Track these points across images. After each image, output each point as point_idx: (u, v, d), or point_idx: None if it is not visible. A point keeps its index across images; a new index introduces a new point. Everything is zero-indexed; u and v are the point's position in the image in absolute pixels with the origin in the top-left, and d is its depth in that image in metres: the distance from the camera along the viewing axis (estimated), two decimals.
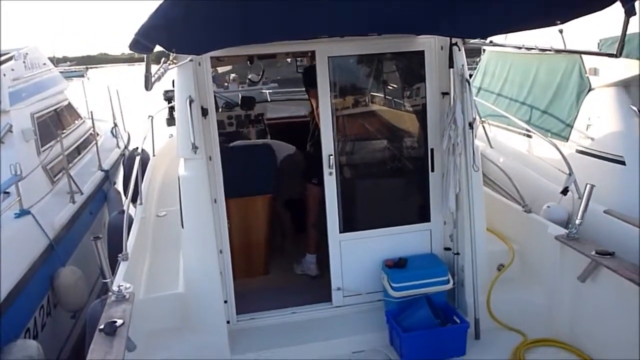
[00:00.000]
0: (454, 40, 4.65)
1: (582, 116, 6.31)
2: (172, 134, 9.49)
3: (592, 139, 6.06)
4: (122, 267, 4.35)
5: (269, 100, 9.43)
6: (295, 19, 3.34)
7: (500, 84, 8.64)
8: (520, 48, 4.98)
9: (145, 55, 3.08)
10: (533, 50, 7.18)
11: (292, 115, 8.40)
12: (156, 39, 2.92)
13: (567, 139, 6.46)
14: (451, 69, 4.68)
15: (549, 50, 4.66)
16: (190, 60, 4.30)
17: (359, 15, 3.35)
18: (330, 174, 4.84)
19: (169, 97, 9.48)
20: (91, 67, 79.66)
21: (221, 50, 4.39)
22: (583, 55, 6.31)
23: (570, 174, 5.53)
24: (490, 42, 5.09)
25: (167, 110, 9.86)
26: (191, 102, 4.27)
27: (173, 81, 4.57)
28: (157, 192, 7.06)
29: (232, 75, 8.90)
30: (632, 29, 5.22)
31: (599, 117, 6.04)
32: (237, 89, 8.68)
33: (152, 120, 8.78)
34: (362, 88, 5.17)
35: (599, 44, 5.63)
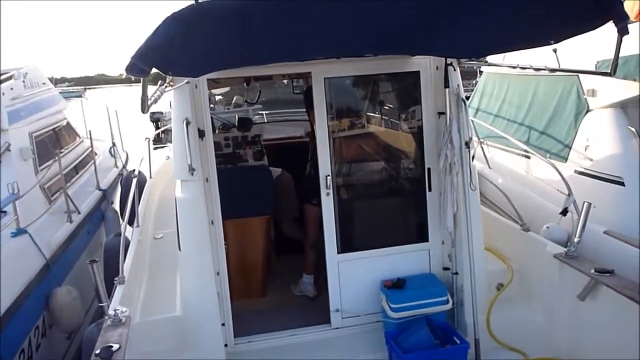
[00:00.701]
0: (449, 60, 4.68)
1: (581, 137, 6.32)
2: (169, 155, 9.51)
3: (591, 159, 6.07)
4: (118, 291, 4.32)
5: (266, 121, 9.47)
6: (292, 42, 3.35)
7: (498, 104, 8.67)
8: (514, 67, 5.01)
9: (141, 78, 3.10)
10: (528, 70, 7.27)
11: (288, 135, 8.42)
12: (152, 62, 2.95)
13: (565, 159, 6.46)
14: (447, 89, 4.70)
15: (543, 69, 4.68)
16: (187, 83, 4.32)
17: (354, 36, 3.37)
18: (328, 194, 4.83)
19: (155, 118, 9.52)
20: (89, 88, 79.99)
21: (218, 72, 4.41)
22: (581, 77, 6.34)
23: (569, 195, 5.53)
24: (485, 61, 5.12)
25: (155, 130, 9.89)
26: (188, 124, 4.27)
27: (170, 102, 4.57)
28: (154, 214, 7.02)
29: (218, 97, 8.92)
30: (632, 50, 5.34)
31: (598, 138, 6.06)
32: (223, 110, 8.68)
33: (149, 142, 8.78)
34: (359, 109, 5.20)
35: (596, 65, 5.66)
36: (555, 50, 6.25)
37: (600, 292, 4.15)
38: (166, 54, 2.95)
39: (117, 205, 9.18)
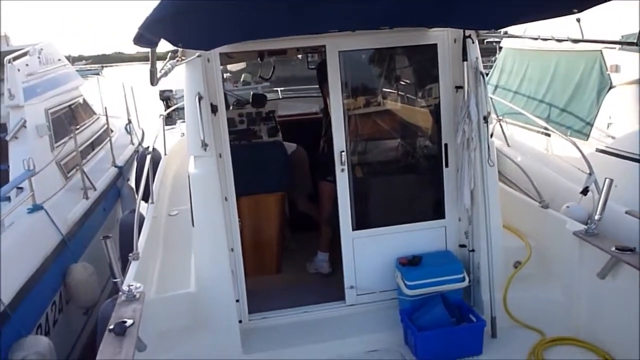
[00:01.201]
0: (467, 32, 4.56)
1: (603, 114, 6.16)
2: (184, 132, 9.48)
3: (614, 137, 5.92)
4: (132, 267, 4.31)
5: (280, 97, 9.39)
6: (305, 13, 3.26)
7: (517, 81, 8.49)
8: (535, 39, 4.85)
9: (150, 50, 3.02)
10: (549, 45, 7.09)
11: (303, 112, 8.34)
12: (161, 33, 2.83)
13: (587, 137, 6.32)
14: (465, 62, 4.58)
15: (566, 40, 4.52)
16: (199, 56, 4.24)
17: (369, 8, 3.27)
18: (342, 170, 4.77)
19: (165, 97, 9.47)
20: (107, 66, 79.88)
21: (231, 46, 4.33)
22: (604, 52, 6.15)
23: (590, 174, 5.40)
24: (505, 33, 4.97)
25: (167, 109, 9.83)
26: (200, 99, 4.21)
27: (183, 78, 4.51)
28: (168, 190, 7.03)
29: (226, 75, 8.86)
30: None
31: (621, 115, 5.89)
32: (232, 87, 8.60)
33: (163, 118, 8.75)
34: (374, 83, 5.11)
35: (621, 38, 5.48)
36: (579, 20, 6.03)
37: (620, 271, 4.06)
38: (174, 25, 2.83)
39: (132, 182, 9.21)
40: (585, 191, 5.51)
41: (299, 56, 8.06)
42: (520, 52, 8.52)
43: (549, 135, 7.18)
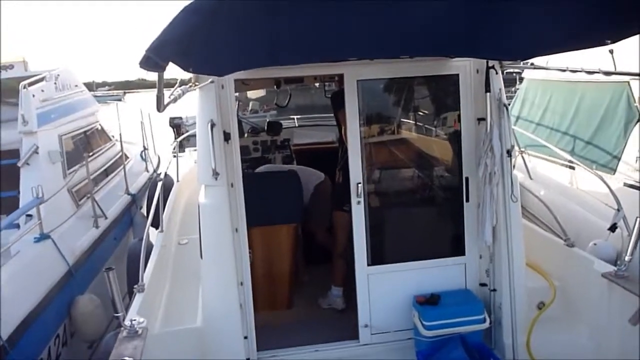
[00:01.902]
0: (490, 63, 4.40)
1: (631, 148, 5.93)
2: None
3: None
4: (137, 300, 4.15)
5: (296, 125, 9.29)
6: (325, 40, 3.11)
7: (540, 113, 8.29)
8: (564, 70, 4.66)
9: (157, 74, 2.88)
10: (573, 76, 6.89)
11: (319, 141, 8.20)
12: (169, 56, 2.66)
13: (614, 171, 6.09)
14: (488, 94, 4.41)
15: (597, 72, 4.32)
16: (212, 82, 4.11)
17: (391, 37, 3.12)
18: (359, 202, 4.59)
19: (175, 124, 9.39)
20: (129, 92, 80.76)
21: (245, 72, 4.19)
22: (632, 85, 5.94)
23: (619, 209, 5.19)
24: (532, 64, 4.79)
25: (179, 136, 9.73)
26: (213, 126, 4.07)
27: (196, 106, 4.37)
28: (179, 218, 6.87)
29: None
30: None
31: None
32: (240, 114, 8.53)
33: (176, 145, 8.65)
34: (392, 113, 4.95)
35: None
36: (611, 52, 5.82)
37: None
38: (185, 48, 2.65)
39: (144, 210, 9.10)
40: (613, 228, 5.27)
41: (317, 84, 7.95)
42: (542, 83, 8.35)
43: (573, 168, 6.96)
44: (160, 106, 3.10)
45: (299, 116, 9.50)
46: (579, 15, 2.96)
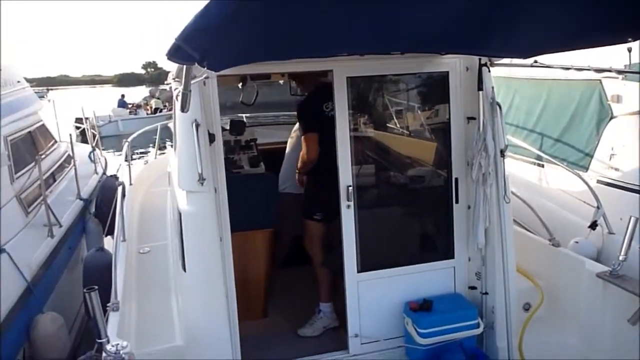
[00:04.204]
0: (483, 60, 4.27)
1: (604, 145, 5.98)
2: (147, 160, 8.92)
3: (617, 169, 5.73)
4: (113, 320, 3.74)
5: (259, 124, 8.94)
6: (316, 35, 2.89)
7: (503, 111, 8.29)
8: (568, 69, 4.60)
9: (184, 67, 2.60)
10: (540, 74, 6.92)
11: (285, 140, 7.90)
12: (202, 46, 2.35)
13: (586, 169, 6.13)
14: (480, 92, 4.29)
15: (609, 70, 4.27)
16: (207, 78, 3.76)
17: (387, 32, 2.93)
18: (349, 207, 4.38)
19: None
20: (52, 89, 76.56)
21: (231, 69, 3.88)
22: (604, 82, 5.97)
23: (598, 207, 5.19)
24: (535, 61, 4.70)
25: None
26: (197, 126, 3.75)
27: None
28: (136, 225, 6.38)
29: None
30: None
31: (624, 147, 5.71)
32: None
33: (128, 145, 8.15)
34: (378, 113, 4.75)
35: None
36: (629, 50, 5.75)
37: None
38: (217, 39, 2.37)
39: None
40: (593, 225, 5.28)
41: (281, 81, 7.66)
42: (506, 81, 8.35)
43: (542, 166, 6.97)
44: (186, 105, 2.81)
45: (258, 114, 9.16)
46: (601, 12, 2.81)
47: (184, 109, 2.85)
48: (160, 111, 33.65)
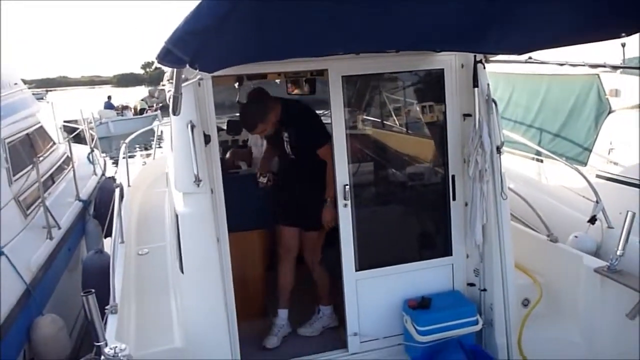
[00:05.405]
0: (478, 57, 4.26)
1: (603, 140, 5.97)
2: (145, 161, 8.89)
3: (616, 163, 5.72)
4: (111, 322, 3.75)
5: None
6: (311, 35, 2.89)
7: (502, 106, 8.27)
8: (562, 65, 4.59)
9: (174, 71, 2.58)
10: (537, 69, 6.89)
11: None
12: (191, 50, 2.31)
13: (585, 163, 6.12)
14: (476, 89, 4.28)
15: (603, 66, 4.27)
16: (201, 79, 3.76)
17: (382, 30, 2.92)
18: (345, 205, 4.37)
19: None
20: (50, 90, 76.27)
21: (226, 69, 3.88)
22: (602, 77, 5.96)
23: (597, 202, 5.18)
24: (529, 58, 4.69)
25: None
26: (193, 127, 3.75)
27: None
28: (134, 226, 6.37)
29: None
30: None
31: (623, 141, 5.70)
32: None
33: (125, 146, 8.16)
34: (375, 112, 4.77)
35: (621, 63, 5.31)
36: (623, 45, 5.75)
37: None
38: (208, 40, 2.33)
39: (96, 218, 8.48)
40: (593, 220, 5.28)
41: (277, 81, 7.66)
42: (504, 76, 8.33)
43: (541, 161, 6.96)
44: (177, 108, 2.80)
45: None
46: (594, 7, 2.81)
47: (175, 112, 2.84)
48: (146, 112, 33.80)
